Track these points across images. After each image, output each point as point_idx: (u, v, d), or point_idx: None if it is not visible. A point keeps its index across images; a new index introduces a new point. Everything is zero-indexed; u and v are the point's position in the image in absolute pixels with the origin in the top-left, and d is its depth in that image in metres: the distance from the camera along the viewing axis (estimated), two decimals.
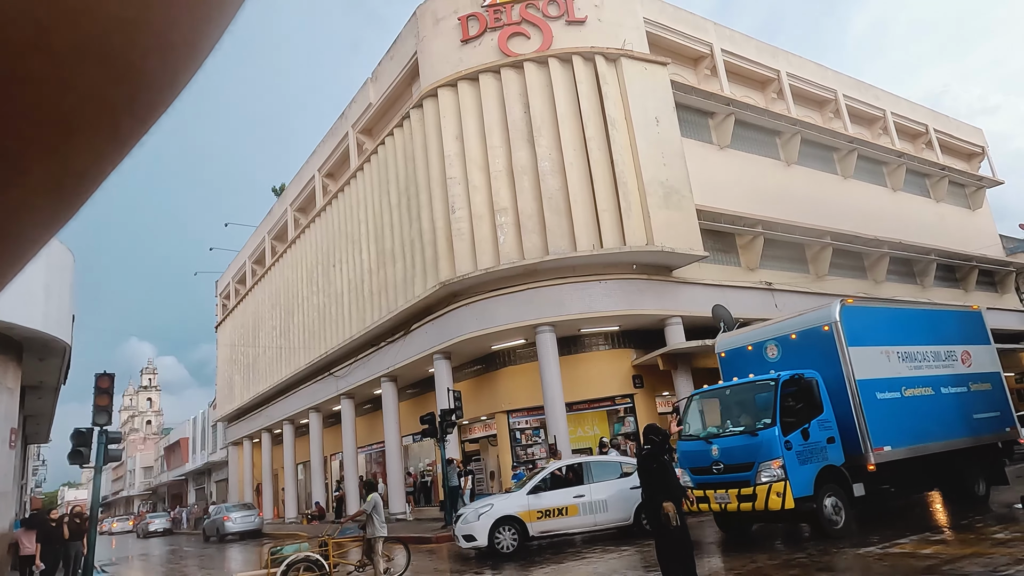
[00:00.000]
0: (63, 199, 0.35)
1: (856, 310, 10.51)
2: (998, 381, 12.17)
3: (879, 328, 10.68)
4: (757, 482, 9.03)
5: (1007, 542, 7.70)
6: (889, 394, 10.10)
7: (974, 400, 11.35)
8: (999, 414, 11.75)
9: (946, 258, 26.77)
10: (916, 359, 10.91)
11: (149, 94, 0.34)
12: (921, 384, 10.71)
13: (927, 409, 10.53)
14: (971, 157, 32.81)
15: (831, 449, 9.46)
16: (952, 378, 11.24)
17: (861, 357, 9.97)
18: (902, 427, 9.98)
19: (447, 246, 17.77)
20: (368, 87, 23.49)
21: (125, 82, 0.32)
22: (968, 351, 11.78)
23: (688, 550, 6.75)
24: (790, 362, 10.39)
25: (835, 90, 26.24)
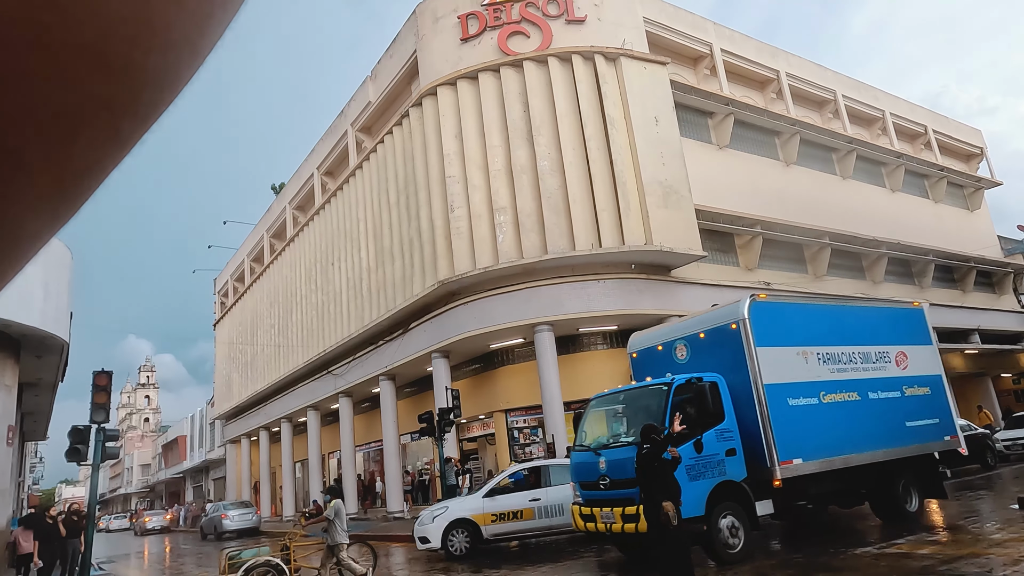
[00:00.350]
0: (64, 198, 0.35)
1: (769, 306, 9.57)
2: (939, 385, 11.17)
3: (797, 326, 9.72)
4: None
5: (1004, 543, 7.71)
6: (804, 400, 9.15)
7: (909, 406, 10.41)
8: (938, 421, 10.74)
9: (944, 259, 26.81)
10: (841, 361, 9.89)
11: (150, 93, 0.34)
12: (845, 389, 9.74)
13: (851, 416, 9.59)
14: (970, 158, 32.85)
15: (731, 463, 8.54)
16: (883, 382, 10.25)
17: (772, 359, 9.02)
18: (818, 437, 9.04)
19: (446, 245, 17.76)
20: (367, 85, 23.46)
21: (126, 81, 0.32)
22: (905, 352, 10.77)
23: (685, 550, 6.76)
24: (699, 364, 9.53)
25: (834, 90, 26.25)
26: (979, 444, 17.24)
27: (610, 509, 8.49)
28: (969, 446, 17.05)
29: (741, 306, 9.25)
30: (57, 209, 0.36)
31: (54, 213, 0.36)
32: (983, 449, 17.40)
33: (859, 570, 7.29)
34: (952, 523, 9.80)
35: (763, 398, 8.74)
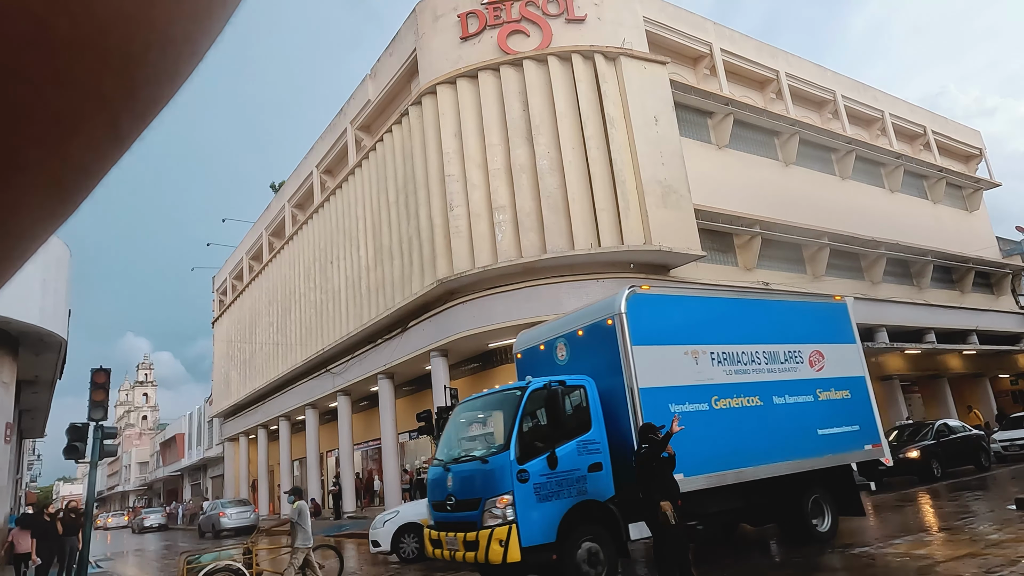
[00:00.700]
0: (63, 195, 0.35)
1: (653, 299, 8.49)
2: (861, 388, 10.09)
3: (687, 323, 8.63)
4: (483, 524, 7.05)
5: (1001, 543, 7.72)
6: (691, 406, 8.05)
7: (823, 412, 9.34)
8: (857, 428, 9.66)
9: (943, 260, 26.84)
10: (740, 361, 8.78)
11: (149, 89, 0.33)
12: (744, 392, 8.62)
13: (750, 424, 8.50)
14: (969, 159, 32.88)
15: (595, 479, 7.45)
16: (792, 385, 9.16)
17: (653, 359, 7.96)
18: (707, 448, 7.95)
19: (445, 244, 17.75)
20: (367, 84, 23.44)
21: (125, 77, 0.32)
22: (820, 351, 9.72)
23: (684, 549, 6.76)
24: (578, 365, 8.51)
25: (834, 91, 26.26)
26: (972, 445, 17.26)
27: (454, 534, 7.41)
28: (962, 447, 16.95)
29: (618, 299, 8.13)
30: (56, 206, 0.35)
31: (53, 210, 0.36)
32: (976, 450, 17.37)
33: (855, 570, 7.31)
34: (950, 524, 9.81)
35: (637, 404, 7.58)
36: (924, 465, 15.85)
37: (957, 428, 17.57)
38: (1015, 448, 18.71)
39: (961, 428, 17.73)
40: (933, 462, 15.97)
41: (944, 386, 25.14)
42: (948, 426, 17.40)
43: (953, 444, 16.80)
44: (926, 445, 16.22)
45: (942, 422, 17.65)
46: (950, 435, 16.98)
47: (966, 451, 17.07)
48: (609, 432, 7.77)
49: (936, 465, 15.99)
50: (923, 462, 15.85)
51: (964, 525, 9.45)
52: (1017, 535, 8.13)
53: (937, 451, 16.23)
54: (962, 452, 16.94)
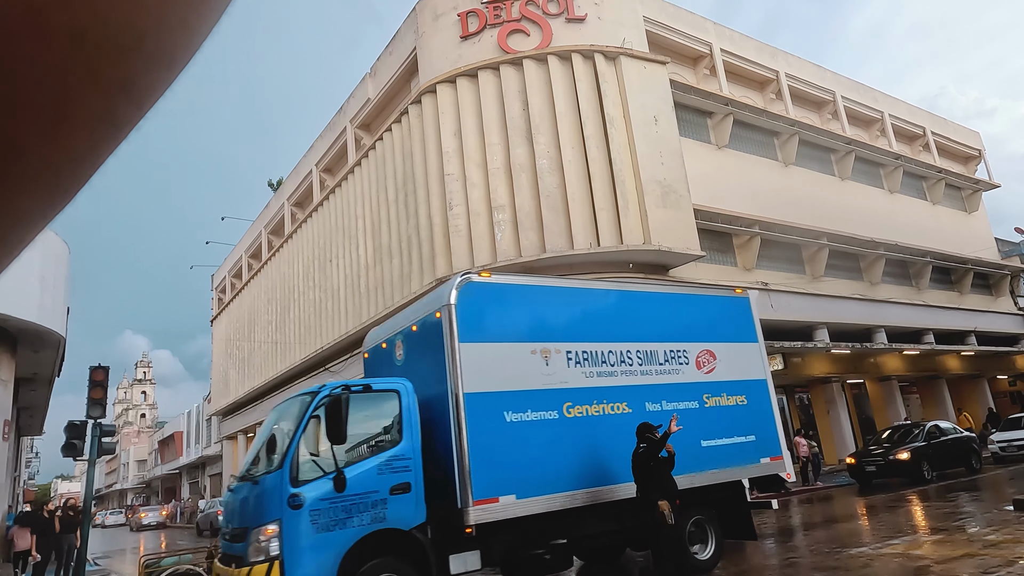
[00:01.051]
0: (60, 182, 0.35)
1: (492, 289, 7.21)
2: (761, 393, 8.92)
3: (538, 317, 7.39)
4: (247, 560, 5.88)
5: (999, 544, 7.74)
6: (535, 414, 6.88)
7: (710, 420, 8.22)
8: (754, 439, 8.49)
9: (941, 260, 26.87)
10: (606, 362, 7.60)
11: (146, 77, 0.33)
12: (608, 398, 7.43)
13: (613, 435, 7.29)
14: (968, 160, 32.91)
15: (399, 504, 6.27)
16: (672, 389, 8.01)
17: (487, 359, 6.78)
18: (554, 464, 6.81)
19: (444, 243, 17.75)
20: (367, 82, 23.44)
21: (121, 65, 0.32)
22: (712, 351, 8.54)
23: (683, 549, 6.77)
24: (413, 366, 7.43)
25: (833, 91, 26.28)
26: (963, 447, 17.14)
27: (231, 567, 6.15)
28: (953, 449, 16.76)
29: (448, 288, 6.95)
30: (53, 194, 0.35)
31: (50, 198, 0.35)
32: (967, 452, 17.20)
33: (853, 570, 7.32)
34: (947, 525, 9.83)
35: (461, 412, 6.44)
36: (914, 467, 15.67)
37: (948, 430, 17.44)
38: (1013, 449, 18.70)
39: (952, 430, 17.59)
40: (923, 464, 15.80)
41: (942, 387, 25.18)
42: (939, 428, 17.23)
43: (944, 446, 16.63)
44: (917, 447, 16.04)
45: (933, 424, 17.48)
46: (941, 437, 16.82)
47: (957, 453, 16.93)
48: (430, 447, 6.62)
49: (927, 467, 15.82)
50: (913, 464, 15.68)
51: (961, 526, 9.46)
52: (1015, 536, 8.14)
53: (928, 453, 16.06)
54: (953, 454, 16.80)
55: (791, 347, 18.66)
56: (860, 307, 23.29)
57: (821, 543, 9.10)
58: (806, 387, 22.90)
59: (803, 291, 21.54)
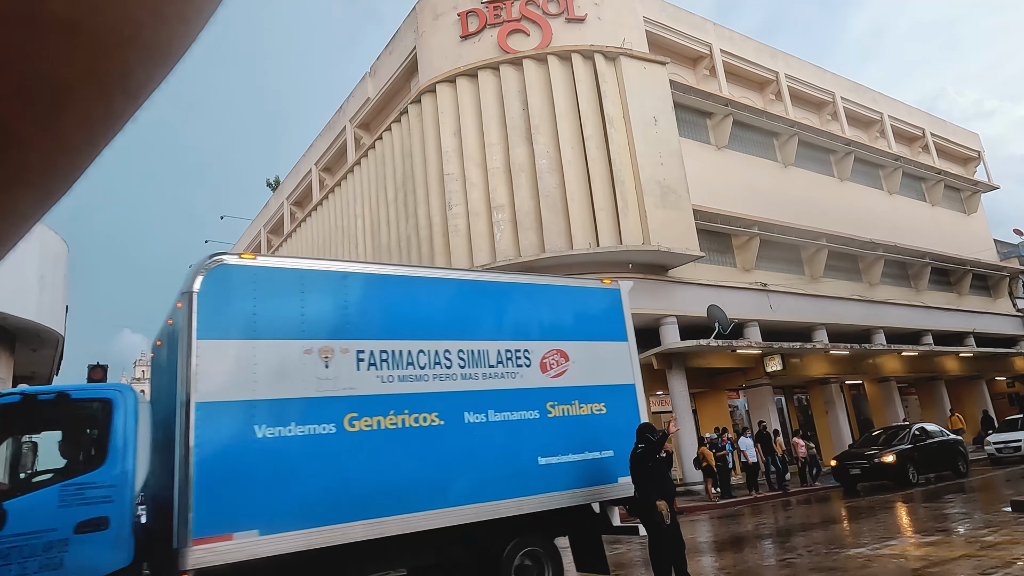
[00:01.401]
0: (56, 174, 0.35)
1: (253, 274, 5.70)
2: (626, 400, 7.57)
3: (319, 308, 5.93)
4: None
5: (996, 545, 7.75)
6: (303, 428, 5.53)
7: (556, 433, 6.87)
8: (612, 454, 7.15)
9: (940, 262, 26.90)
10: (414, 363, 6.23)
11: (142, 69, 0.33)
12: (412, 407, 6.11)
13: (421, 452, 6.03)
14: (967, 162, 32.94)
15: (84, 544, 4.89)
16: (505, 396, 6.69)
17: (236, 359, 5.41)
18: (322, 490, 5.46)
19: (443, 242, 17.76)
20: (366, 82, 23.44)
21: (118, 56, 0.32)
22: (563, 351, 7.22)
23: (680, 548, 6.77)
24: (165, 368, 6.15)
25: (833, 92, 26.30)
26: (950, 450, 16.68)
27: None
28: (939, 452, 16.27)
29: (191, 273, 5.49)
30: (49, 185, 0.35)
31: (46, 190, 0.35)
32: (954, 456, 16.63)
33: (851, 571, 7.32)
34: (945, 526, 9.84)
35: (190, 424, 5.09)
36: (900, 470, 15.12)
37: (935, 432, 16.89)
38: (1009, 451, 18.66)
39: (939, 432, 17.07)
40: (909, 467, 15.26)
41: (941, 388, 25.20)
42: (925, 430, 16.66)
43: (930, 449, 16.09)
44: (902, 450, 15.48)
45: (919, 426, 16.88)
46: (927, 439, 16.26)
47: (943, 456, 16.44)
48: (166, 472, 5.36)
49: (912, 470, 15.29)
50: (899, 467, 15.11)
51: (958, 527, 9.47)
52: (1013, 537, 8.15)
53: (914, 456, 15.51)
54: (939, 457, 16.33)
55: (790, 348, 18.67)
56: (859, 308, 23.30)
57: (819, 543, 9.11)
58: (805, 388, 22.92)
59: (802, 292, 21.56)
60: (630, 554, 9.75)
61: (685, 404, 17.68)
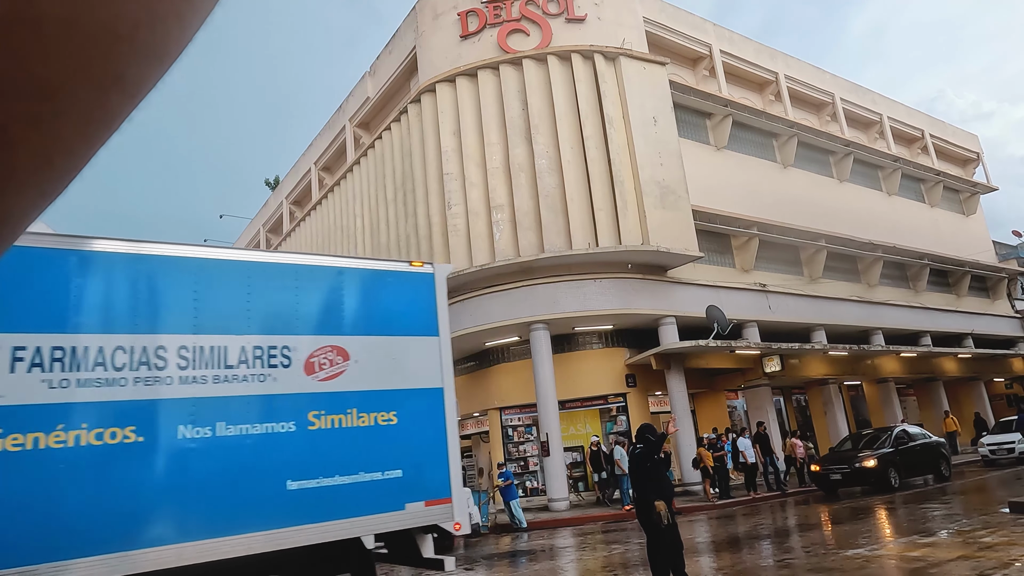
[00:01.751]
0: (52, 176, 0.35)
1: None
2: (431, 408, 6.50)
3: None
4: None
5: (994, 546, 7.76)
6: None
7: (319, 450, 5.67)
8: (400, 474, 5.99)
9: (939, 263, 26.93)
10: (105, 364, 4.94)
11: (138, 69, 0.33)
12: (92, 421, 4.79)
13: (91, 480, 4.73)
14: (966, 163, 32.98)
15: None
16: (244, 405, 5.44)
17: None
18: None
19: (443, 242, 17.76)
20: (366, 81, 23.43)
21: (113, 55, 0.31)
22: (342, 347, 5.99)
23: (677, 549, 6.78)
24: None
25: (832, 93, 26.32)
26: (932, 453, 16.18)
27: None
28: (922, 456, 15.71)
29: None
30: (43, 186, 0.35)
31: (41, 191, 0.35)
32: (936, 459, 16.19)
33: (849, 572, 7.33)
34: (943, 527, 9.86)
35: None
36: (881, 475, 14.62)
37: (917, 435, 16.37)
38: (1003, 452, 18.61)
39: (921, 435, 16.54)
40: (891, 471, 14.79)
41: (939, 389, 25.24)
42: (907, 433, 16.14)
43: (912, 452, 15.58)
44: (884, 453, 15.03)
45: (901, 428, 16.39)
46: (909, 442, 15.72)
47: (925, 460, 15.92)
48: None
49: (894, 474, 14.82)
50: (880, 471, 14.61)
51: (958, 528, 9.48)
52: (1010, 538, 8.17)
53: (895, 459, 15.06)
54: (921, 461, 15.83)
55: (788, 348, 18.68)
56: (858, 309, 23.33)
57: (817, 544, 9.12)
58: (803, 389, 22.94)
59: (801, 292, 21.57)
60: (628, 554, 9.76)
61: (684, 405, 17.69)
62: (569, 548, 11.26)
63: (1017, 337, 29.93)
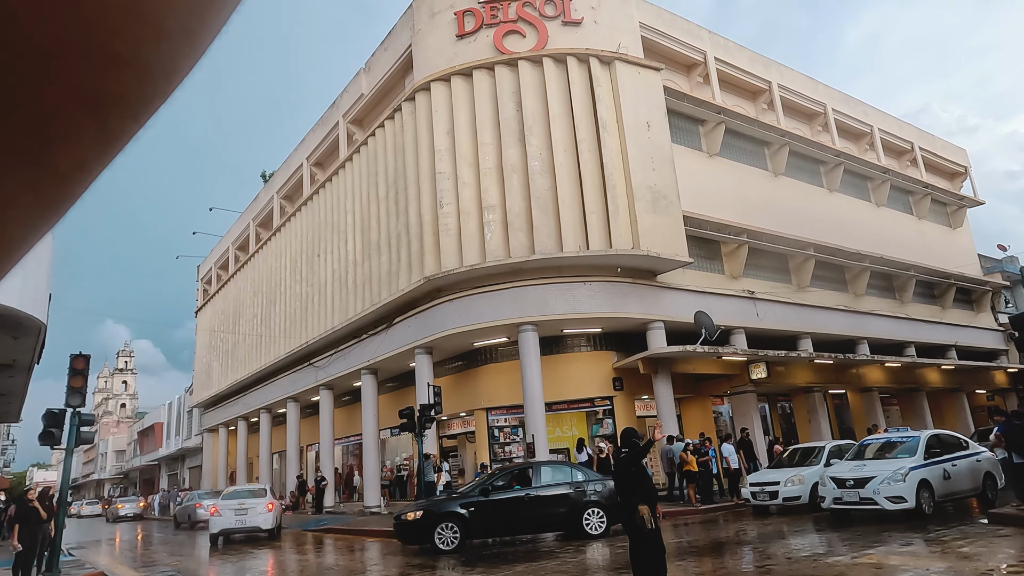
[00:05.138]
0: (44, 205, 0.32)
1: None
2: None
3: None
4: None
5: (972, 556, 7.84)
6: None
7: None
8: None
9: (925, 275, 27.20)
10: None
11: (142, 88, 0.30)
12: None
13: None
14: (954, 176, 33.32)
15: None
16: None
17: None
18: None
19: (433, 241, 17.73)
20: (361, 77, 23.36)
21: (114, 75, 0.29)
22: None
23: (660, 552, 6.79)
24: None
25: (824, 104, 26.52)
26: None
27: None
28: None
29: None
30: (35, 217, 0.32)
31: (32, 222, 0.33)
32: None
33: None
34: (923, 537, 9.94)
35: None
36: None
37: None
38: (764, 497, 14.53)
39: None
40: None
41: (922, 399, 25.46)
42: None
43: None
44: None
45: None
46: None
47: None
48: None
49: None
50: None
51: (937, 537, 9.57)
52: (988, 548, 8.25)
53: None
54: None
55: (775, 355, 18.80)
56: (844, 318, 23.52)
57: (798, 550, 9.17)
58: (788, 396, 23.07)
59: (788, 300, 21.72)
60: (611, 557, 9.77)
61: (670, 409, 17.75)
62: (553, 550, 11.26)
63: (1000, 350, 30.27)
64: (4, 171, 0.29)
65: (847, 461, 12.54)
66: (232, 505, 16.45)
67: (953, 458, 12.08)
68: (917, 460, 11.42)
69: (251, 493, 17.44)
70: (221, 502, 16.81)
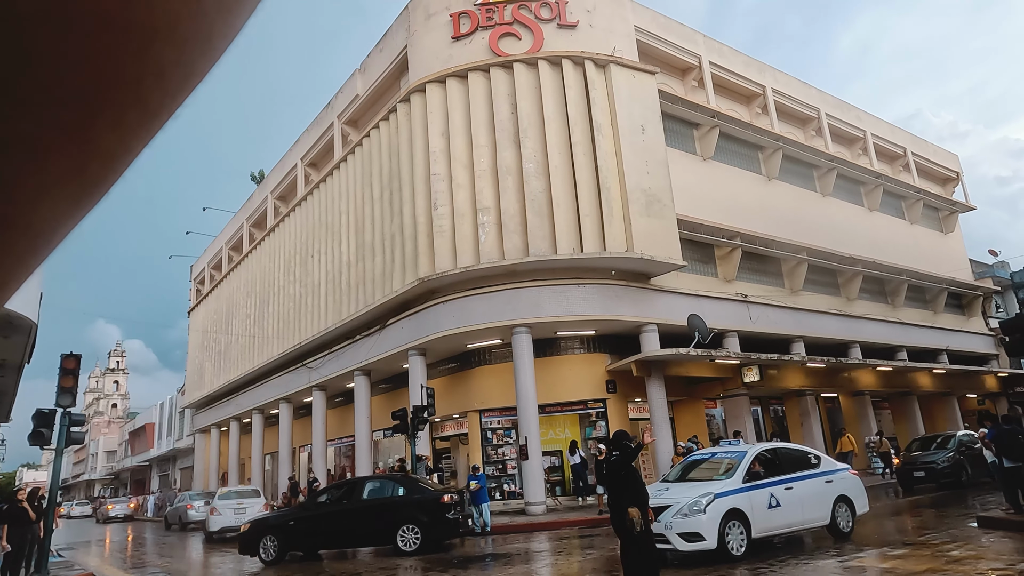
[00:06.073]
0: (87, 185, 0.32)
1: None
2: None
3: None
4: None
5: (962, 560, 7.88)
6: None
7: None
8: None
9: (917, 279, 27.35)
10: None
11: (180, 65, 0.30)
12: None
13: None
14: (946, 182, 33.53)
15: None
16: None
17: None
18: None
19: (427, 242, 17.72)
20: (356, 78, 23.33)
21: (152, 53, 0.29)
22: None
23: (651, 556, 6.81)
24: None
25: (818, 108, 26.65)
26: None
27: None
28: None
29: None
30: (80, 196, 0.33)
31: (76, 202, 0.33)
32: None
33: None
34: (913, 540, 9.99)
35: None
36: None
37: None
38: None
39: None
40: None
41: (913, 403, 25.60)
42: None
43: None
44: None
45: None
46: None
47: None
48: None
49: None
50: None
51: (927, 541, 9.62)
52: (977, 552, 8.30)
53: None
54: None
55: (768, 359, 18.87)
56: (836, 322, 23.62)
57: (790, 554, 9.20)
58: (781, 399, 23.16)
59: (781, 304, 21.81)
60: (602, 559, 9.77)
61: (663, 412, 17.79)
62: (544, 552, 11.26)
63: (990, 354, 30.47)
64: (53, 149, 0.29)
65: (659, 482, 10.55)
66: (231, 505, 18.03)
67: (786, 480, 9.55)
68: (732, 484, 9.11)
69: (240, 495, 19.06)
70: (220, 502, 18.41)
